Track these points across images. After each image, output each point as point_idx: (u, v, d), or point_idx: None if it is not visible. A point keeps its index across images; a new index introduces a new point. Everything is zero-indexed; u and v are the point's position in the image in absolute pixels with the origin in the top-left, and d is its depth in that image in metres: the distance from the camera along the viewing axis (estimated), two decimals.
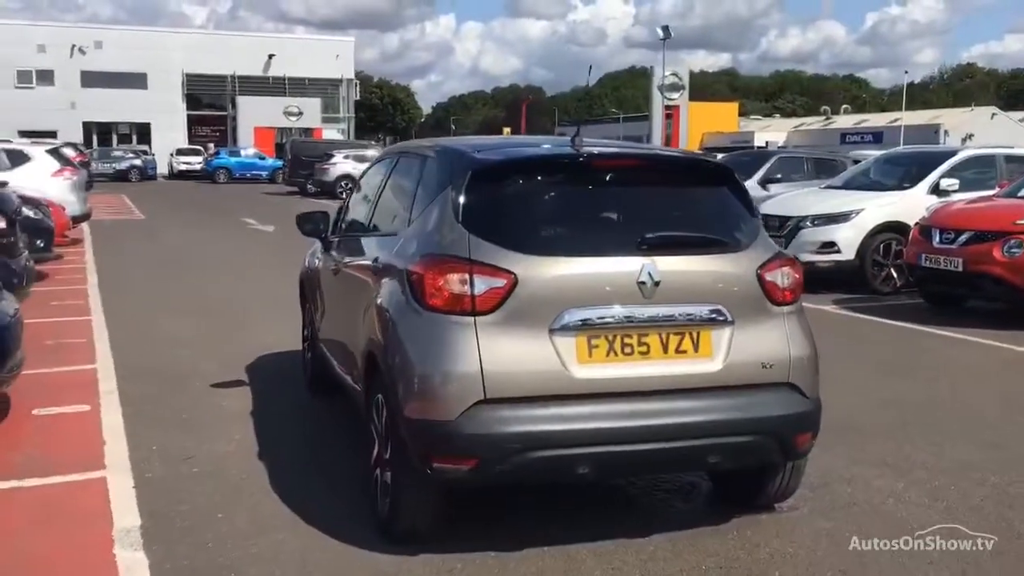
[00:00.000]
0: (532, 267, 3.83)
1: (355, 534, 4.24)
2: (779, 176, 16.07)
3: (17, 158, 17.33)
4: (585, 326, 3.82)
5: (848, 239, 11.98)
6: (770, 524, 4.47)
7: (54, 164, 17.72)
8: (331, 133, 60.44)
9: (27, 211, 12.76)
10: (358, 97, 68.89)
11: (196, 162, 51.08)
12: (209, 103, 62.41)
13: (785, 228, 12.27)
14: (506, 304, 3.79)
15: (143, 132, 59.56)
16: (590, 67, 65.60)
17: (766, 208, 12.95)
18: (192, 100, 61.34)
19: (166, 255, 16.61)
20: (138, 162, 49.06)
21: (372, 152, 39.29)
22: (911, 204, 11.87)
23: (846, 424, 5.86)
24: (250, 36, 65.11)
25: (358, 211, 5.84)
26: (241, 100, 60.36)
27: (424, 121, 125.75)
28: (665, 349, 3.93)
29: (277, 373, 7.48)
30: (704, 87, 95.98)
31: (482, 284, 3.78)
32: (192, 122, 61.06)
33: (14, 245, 8.17)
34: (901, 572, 4.01)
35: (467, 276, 3.79)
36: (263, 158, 49.66)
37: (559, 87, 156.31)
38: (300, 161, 38.47)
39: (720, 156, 16.74)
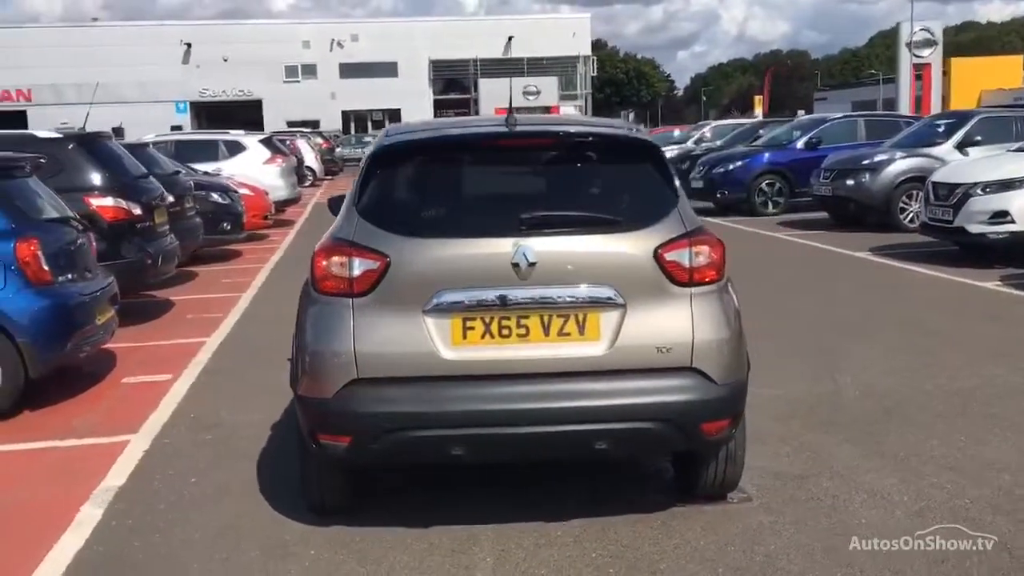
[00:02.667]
0: (406, 249, 3.88)
1: (294, 504, 4.47)
2: (979, 139, 14.58)
3: (234, 148, 19.09)
4: (458, 308, 3.82)
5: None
6: (701, 516, 4.26)
7: (266, 153, 19.36)
8: (568, 110, 61.08)
9: (216, 196, 14.12)
10: (595, 73, 69.12)
11: None
12: (453, 87, 65.06)
13: (953, 197, 11.21)
14: (380, 286, 3.86)
15: (394, 118, 62.88)
16: None
17: (934, 176, 11.91)
18: (438, 85, 64.23)
19: None
20: None
21: None
22: None
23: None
24: (491, 20, 67.05)
25: None
26: (482, 82, 62.40)
27: (677, 94, 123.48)
28: (547, 332, 3.84)
29: None
30: (992, 39, 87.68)
31: (358, 266, 3.87)
32: (438, 106, 63.94)
33: (150, 230, 9.07)
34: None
35: (347, 259, 3.90)
36: None
37: (828, 49, 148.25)
38: None
39: (977, 117, 15.33)
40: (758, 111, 56.13)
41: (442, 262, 3.87)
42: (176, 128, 41.32)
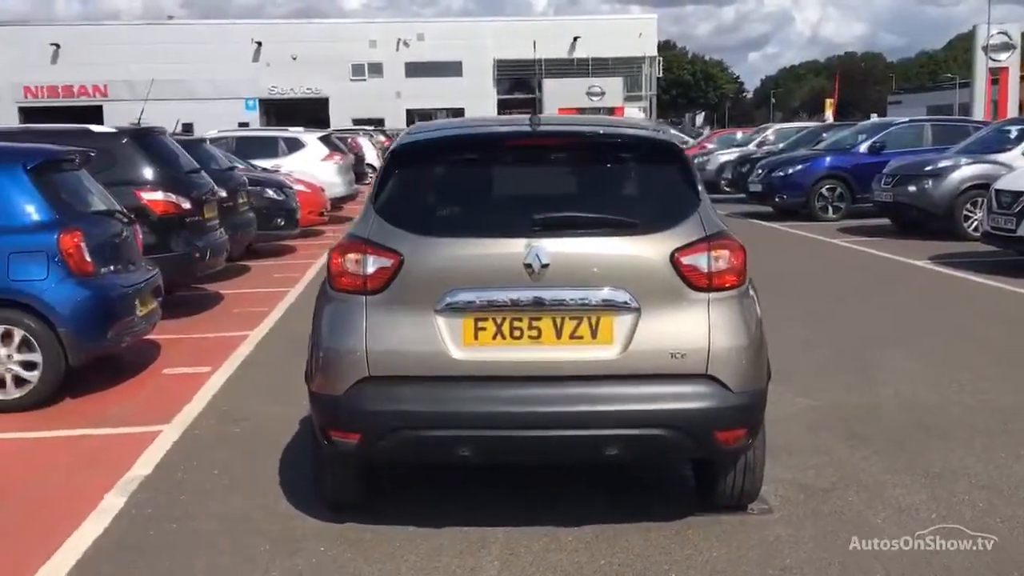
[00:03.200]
0: (419, 247, 3.86)
1: (311, 499, 4.47)
2: None
3: (293, 145, 19.36)
4: (470, 307, 3.79)
5: None
6: (717, 526, 4.16)
7: (324, 150, 19.57)
8: (633, 111, 60.77)
9: (270, 192, 14.33)
10: (660, 74, 68.60)
11: None
12: (517, 87, 65.11)
13: (1017, 205, 10.85)
14: (393, 284, 3.85)
15: (459, 116, 63.45)
16: None
17: (998, 184, 11.55)
18: (502, 85, 64.34)
19: None
20: None
21: (669, 131, 39.14)
22: None
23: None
24: (557, 20, 66.98)
25: None
26: (547, 83, 62.44)
27: (746, 96, 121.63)
28: (559, 334, 3.79)
29: None
30: None
31: (372, 264, 3.87)
32: (501, 106, 64.01)
33: (199, 224, 9.22)
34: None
35: (361, 256, 3.90)
36: None
37: (905, 52, 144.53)
38: None
39: None
40: (828, 114, 55.19)
41: (454, 261, 3.84)
42: (243, 125, 42.05)
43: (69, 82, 60.43)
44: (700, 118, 68.81)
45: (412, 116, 63.00)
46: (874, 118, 32.88)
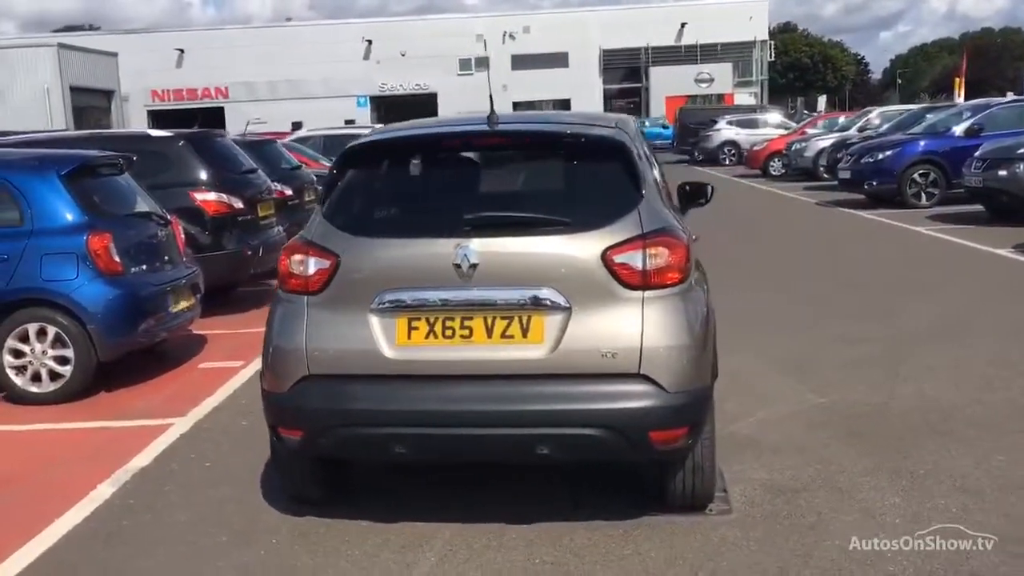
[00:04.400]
0: (355, 248, 3.94)
1: (283, 494, 4.62)
2: None
3: None
4: (402, 308, 3.84)
5: None
6: (668, 527, 4.10)
7: None
8: (743, 97, 59.46)
9: None
10: (772, 58, 66.76)
11: None
12: (624, 76, 64.54)
13: None
14: (332, 284, 3.94)
15: (564, 107, 63.25)
16: None
17: None
18: (608, 74, 63.87)
19: None
20: None
21: (770, 116, 38.11)
22: None
23: None
24: (664, 7, 65.77)
25: None
26: (653, 71, 61.69)
27: (871, 77, 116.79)
28: (489, 334, 3.80)
29: None
30: None
31: (313, 265, 3.98)
32: (608, 96, 63.63)
33: (252, 223, 9.54)
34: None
35: (304, 258, 4.01)
36: (666, 127, 50.38)
37: None
38: (687, 128, 38.58)
39: None
40: (958, 94, 52.53)
41: (387, 262, 3.91)
42: (349, 122, 42.91)
43: (193, 85, 63.02)
44: (822, 102, 66.35)
45: (519, 108, 63.39)
46: (1010, 96, 31.10)
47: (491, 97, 4.50)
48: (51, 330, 6.43)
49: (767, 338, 7.48)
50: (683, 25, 62.22)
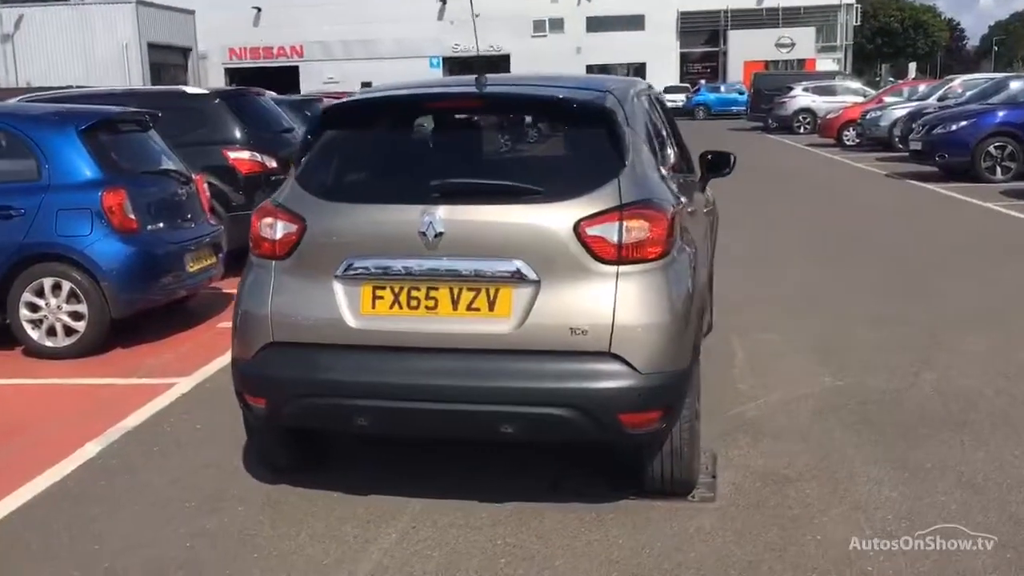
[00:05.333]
0: (322, 213, 3.81)
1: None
2: None
3: None
4: (366, 275, 3.70)
5: None
6: (643, 513, 3.92)
7: None
8: (826, 64, 57.65)
9: None
10: (858, 23, 64.55)
11: (679, 100, 52.20)
12: (701, 40, 63.13)
13: None
14: (298, 249, 3.82)
15: (638, 72, 62.08)
16: None
17: None
18: (685, 38, 62.55)
19: None
20: None
21: (849, 83, 36.87)
22: None
23: None
24: None
25: None
26: (732, 35, 60.20)
27: (966, 44, 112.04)
28: (455, 305, 3.64)
29: None
30: None
31: (280, 229, 3.86)
32: (684, 60, 62.41)
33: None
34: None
35: (273, 221, 3.89)
36: (742, 93, 49.19)
37: None
38: (762, 95, 37.57)
39: None
40: None
41: (352, 227, 3.77)
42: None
43: (269, 44, 63.62)
44: (912, 69, 63.96)
45: (592, 71, 62.57)
46: None
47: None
48: (65, 285, 6.47)
49: (799, 318, 7.18)
50: None
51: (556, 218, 3.61)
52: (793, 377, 5.70)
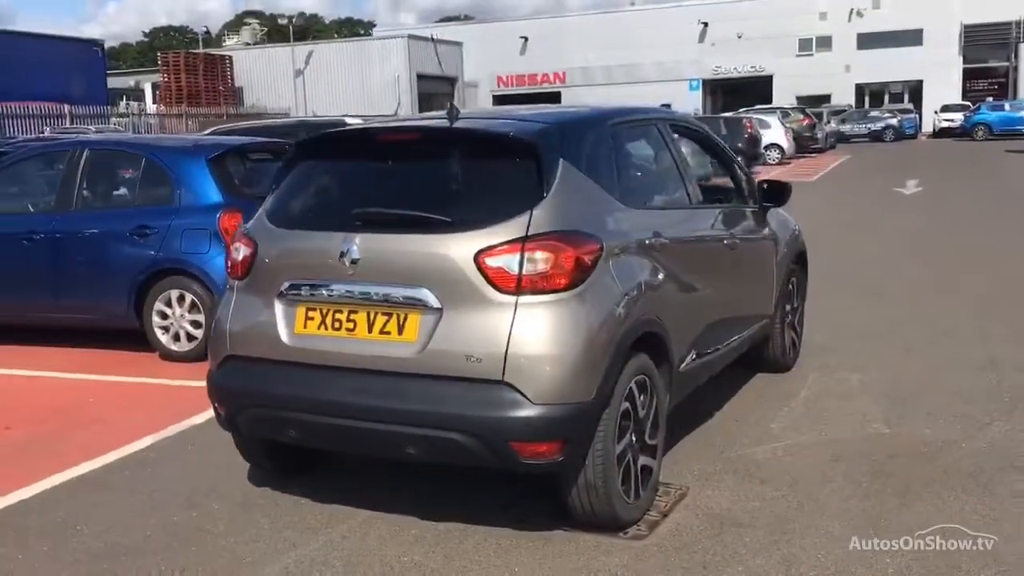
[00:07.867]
0: (270, 237, 4.15)
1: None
2: None
3: None
4: (299, 297, 3.98)
5: None
6: (565, 546, 3.89)
7: None
8: None
9: None
10: None
11: (956, 120, 48.42)
12: (988, 54, 58.07)
13: None
14: (252, 270, 4.18)
15: (915, 90, 58.40)
16: None
17: None
18: (969, 52, 57.83)
19: None
20: (894, 121, 48.39)
21: None
22: None
23: None
24: None
25: None
26: None
27: None
28: (370, 328, 3.84)
29: None
30: None
31: (240, 252, 4.24)
32: (967, 76, 57.72)
33: None
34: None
35: (237, 245, 4.28)
36: None
37: None
38: None
39: None
40: None
41: (290, 252, 4.10)
42: (665, 106, 42.68)
43: (534, 71, 65.94)
44: None
45: (861, 91, 59.43)
46: None
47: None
48: (188, 297, 7.25)
49: (895, 354, 6.65)
50: None
51: (458, 248, 3.70)
52: (839, 421, 5.33)
